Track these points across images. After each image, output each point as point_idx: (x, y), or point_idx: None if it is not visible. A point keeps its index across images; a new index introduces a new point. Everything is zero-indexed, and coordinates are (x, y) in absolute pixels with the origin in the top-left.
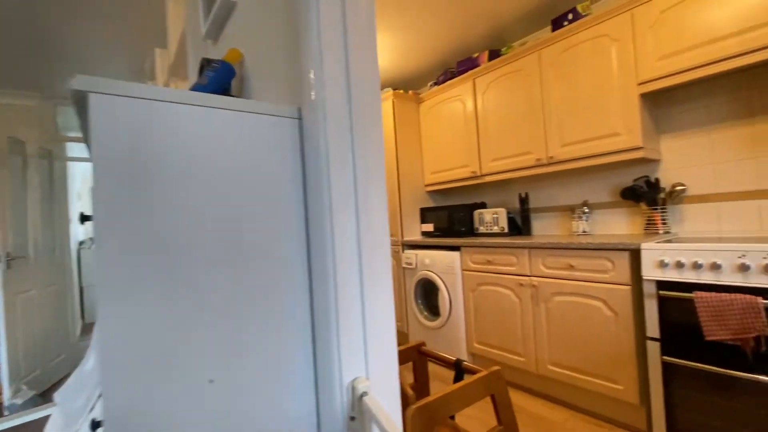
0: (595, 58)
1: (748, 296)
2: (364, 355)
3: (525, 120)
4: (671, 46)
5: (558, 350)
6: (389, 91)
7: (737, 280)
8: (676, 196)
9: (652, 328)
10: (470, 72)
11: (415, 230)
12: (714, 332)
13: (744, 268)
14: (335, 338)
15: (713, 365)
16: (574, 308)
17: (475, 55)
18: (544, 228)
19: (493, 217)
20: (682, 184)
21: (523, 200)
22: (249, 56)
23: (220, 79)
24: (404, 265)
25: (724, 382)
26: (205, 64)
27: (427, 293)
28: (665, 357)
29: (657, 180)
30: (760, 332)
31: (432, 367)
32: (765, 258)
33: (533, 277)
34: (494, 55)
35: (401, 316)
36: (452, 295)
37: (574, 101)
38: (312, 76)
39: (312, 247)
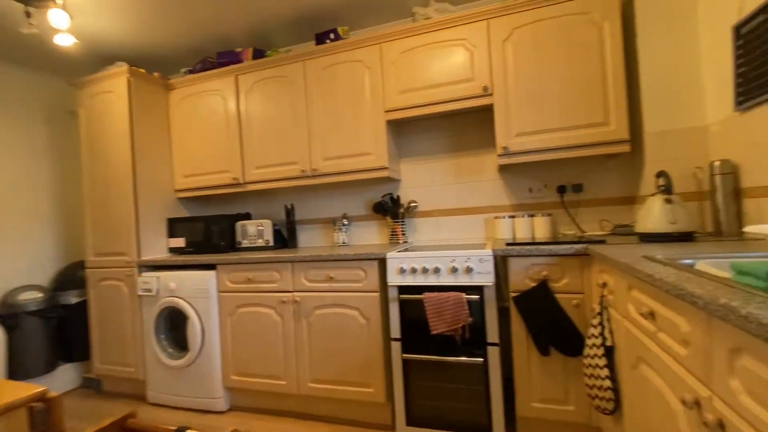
0: (353, 79)
1: (456, 293)
2: None
3: (291, 129)
4: (407, 83)
5: (319, 366)
6: (123, 66)
7: (451, 281)
8: (411, 211)
9: (395, 329)
10: (233, 66)
11: (160, 246)
12: (436, 326)
13: (454, 270)
14: None
15: (437, 355)
16: (334, 320)
17: (239, 49)
18: (310, 240)
19: (257, 230)
20: (415, 201)
21: (290, 212)
22: None
23: None
24: (140, 293)
25: (444, 367)
26: None
27: (174, 325)
28: (405, 354)
29: (398, 197)
30: (465, 322)
31: None
32: (467, 261)
33: (296, 293)
34: (259, 54)
35: (135, 359)
36: (205, 323)
37: (336, 117)
38: None
39: None
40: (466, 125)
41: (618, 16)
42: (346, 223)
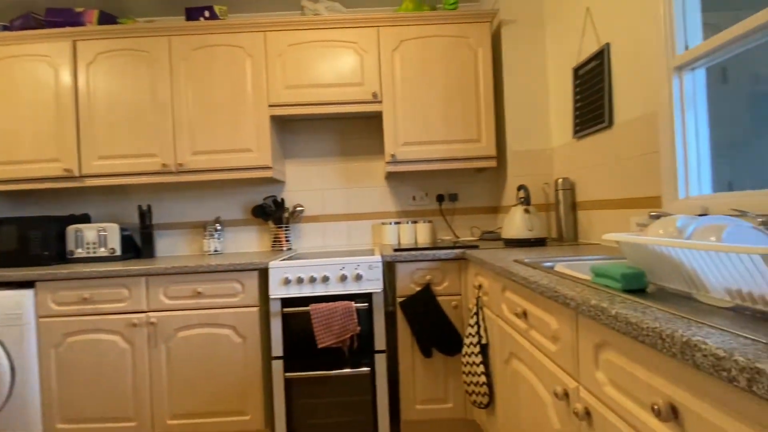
0: (232, 66)
1: (346, 302)
2: None
3: (149, 114)
4: (295, 79)
5: (182, 398)
6: None
7: (340, 290)
8: (297, 215)
9: (277, 347)
10: (71, 29)
11: None
12: (324, 339)
13: (343, 279)
14: None
15: (323, 370)
16: (202, 342)
17: (79, 9)
18: (171, 248)
19: (99, 235)
20: (301, 206)
21: (145, 214)
22: None
23: None
24: None
25: (330, 382)
26: None
27: None
28: (288, 374)
29: (282, 200)
30: (354, 332)
31: None
32: (357, 268)
33: (152, 313)
34: (108, 20)
35: None
36: (17, 359)
37: (209, 107)
38: None
39: None
40: (356, 130)
41: (489, 45)
42: (219, 228)
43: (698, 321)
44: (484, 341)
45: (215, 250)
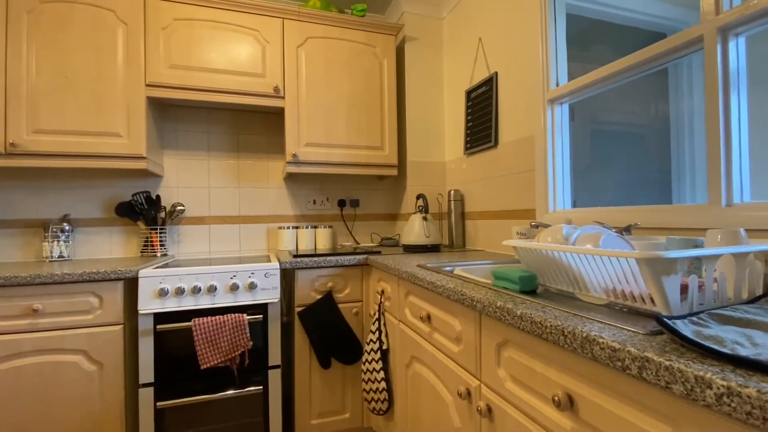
0: (99, 32)
1: (236, 315)
2: None
3: None
4: (181, 59)
5: None
6: None
7: (229, 301)
8: (176, 216)
9: (146, 372)
10: None
11: None
12: (208, 359)
13: (235, 288)
14: None
15: (206, 394)
16: (37, 373)
17: None
18: None
19: None
20: (182, 205)
21: None
22: None
23: None
24: None
25: (214, 406)
26: None
27: None
28: (159, 403)
29: (158, 197)
30: (245, 348)
31: None
32: (250, 276)
33: None
34: None
35: None
36: None
37: (63, 76)
38: None
39: None
40: (252, 125)
41: (394, 57)
42: (67, 228)
43: (588, 317)
44: (385, 347)
45: (60, 256)
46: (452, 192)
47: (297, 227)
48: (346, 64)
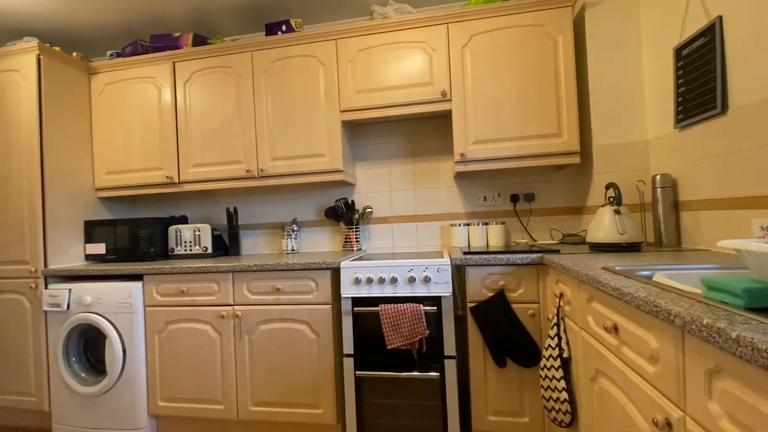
0: (306, 75)
1: (414, 305)
2: None
3: (235, 125)
4: (364, 83)
5: (262, 387)
6: (33, 42)
7: (408, 291)
8: (366, 217)
9: (348, 344)
10: (170, 53)
11: (76, 253)
12: (392, 340)
13: (412, 281)
14: None
15: (393, 371)
16: (280, 336)
17: (177, 34)
18: (254, 247)
19: (194, 235)
20: (370, 207)
21: (232, 215)
22: None
23: None
24: (46, 308)
25: (399, 384)
26: None
27: (90, 346)
28: (358, 372)
29: (353, 202)
30: (422, 335)
31: None
32: (425, 271)
33: (237, 306)
34: (200, 41)
35: (38, 387)
36: (128, 342)
37: (286, 114)
38: None
39: None
40: (423, 130)
41: (571, 31)
42: (295, 229)
43: None
44: (565, 355)
45: (292, 249)
46: (658, 177)
47: (468, 224)
48: (512, 52)
